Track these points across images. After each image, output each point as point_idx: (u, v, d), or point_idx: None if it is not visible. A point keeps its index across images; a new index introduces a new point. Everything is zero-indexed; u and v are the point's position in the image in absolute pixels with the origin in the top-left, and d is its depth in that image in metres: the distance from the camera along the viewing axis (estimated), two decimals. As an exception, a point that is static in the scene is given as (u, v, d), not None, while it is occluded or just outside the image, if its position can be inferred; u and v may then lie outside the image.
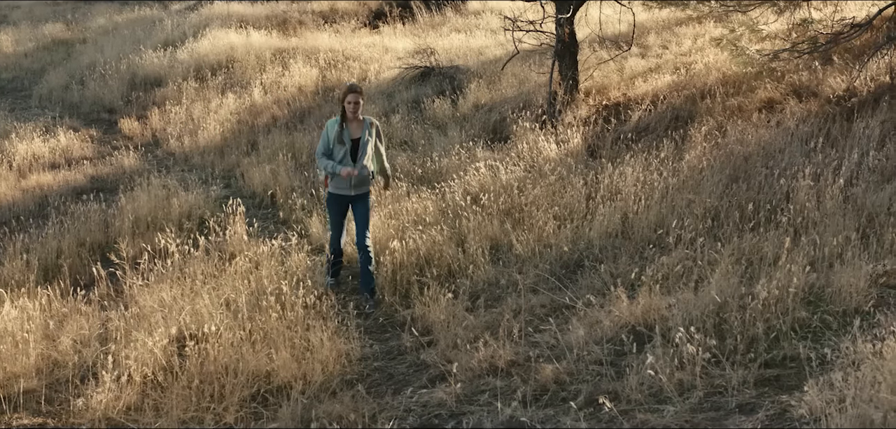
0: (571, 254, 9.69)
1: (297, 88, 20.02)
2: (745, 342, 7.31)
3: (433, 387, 7.53)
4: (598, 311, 8.17)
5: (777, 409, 6.42)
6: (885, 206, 9.64)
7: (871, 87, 13.42)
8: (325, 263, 10.36)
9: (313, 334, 8.10)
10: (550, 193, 11.08)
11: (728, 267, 8.50)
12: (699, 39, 17.89)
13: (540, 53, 17.26)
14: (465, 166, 12.53)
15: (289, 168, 14.45)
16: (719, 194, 10.42)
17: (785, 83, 14.18)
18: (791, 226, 9.46)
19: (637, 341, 7.41)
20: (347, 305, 8.97)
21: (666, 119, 13.87)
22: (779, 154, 11.37)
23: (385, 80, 19.82)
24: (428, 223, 10.36)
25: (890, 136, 11.49)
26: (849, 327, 7.03)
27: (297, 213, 12.32)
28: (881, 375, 6.09)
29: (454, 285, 9.33)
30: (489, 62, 19.04)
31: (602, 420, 6.55)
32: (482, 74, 18.00)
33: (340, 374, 7.87)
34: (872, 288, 8.12)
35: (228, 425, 7.06)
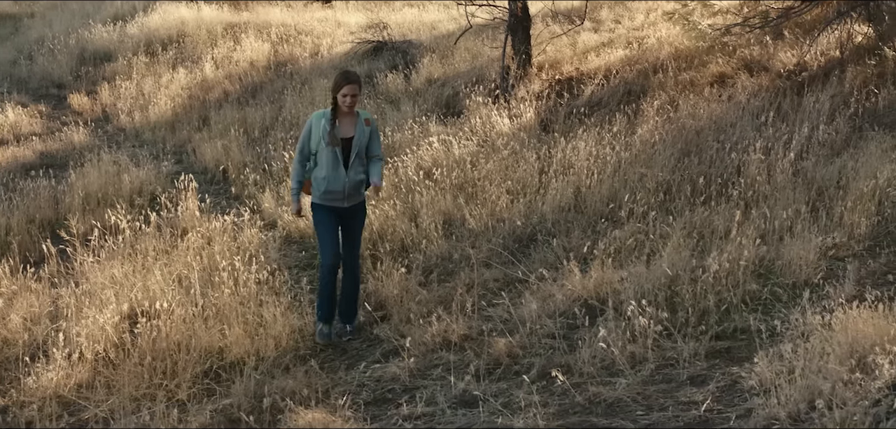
0: (524, 228, 9.70)
1: (248, 63, 19.90)
2: (697, 315, 7.36)
3: (386, 362, 7.52)
4: (550, 285, 8.19)
5: (728, 380, 6.46)
6: (834, 179, 9.72)
7: (822, 62, 13.53)
8: (314, 316, 8.26)
9: (266, 309, 8.06)
10: (503, 168, 11.09)
11: (680, 240, 8.55)
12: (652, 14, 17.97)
13: (493, 28, 17.25)
14: (418, 141, 12.51)
15: (241, 143, 14.37)
16: (671, 168, 10.47)
17: (736, 58, 14.27)
18: (742, 199, 9.53)
19: (589, 315, 7.43)
20: (300, 281, 8.94)
21: (618, 93, 13.92)
22: (730, 128, 11.44)
23: (337, 54, 19.74)
24: (381, 198, 10.33)
25: (840, 110, 11.59)
26: (798, 299, 7.08)
27: (250, 188, 12.25)
28: (830, 346, 6.14)
29: (407, 260, 9.32)
30: (442, 36, 19.01)
31: (555, 393, 6.57)
32: (435, 49, 17.96)
33: (294, 349, 7.85)
34: (822, 260, 8.19)
35: (181, 402, 7.00)
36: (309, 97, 16.25)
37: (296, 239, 10.47)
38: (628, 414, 6.19)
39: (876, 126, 11.14)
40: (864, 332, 6.25)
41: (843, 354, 6.06)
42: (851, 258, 8.27)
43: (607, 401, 6.37)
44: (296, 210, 8.60)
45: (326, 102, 15.54)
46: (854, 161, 10.05)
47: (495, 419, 6.26)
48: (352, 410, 6.64)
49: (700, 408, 6.08)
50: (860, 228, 8.78)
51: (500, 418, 6.27)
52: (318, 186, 8.22)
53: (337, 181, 8.14)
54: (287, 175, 12.14)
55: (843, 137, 10.99)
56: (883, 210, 9.04)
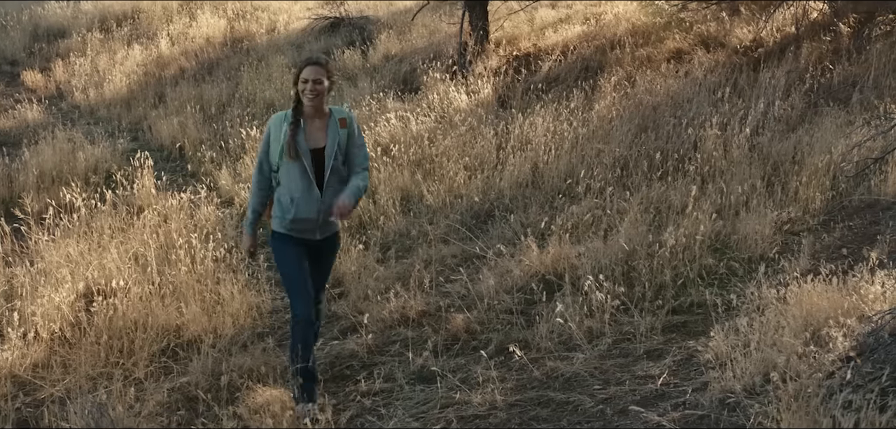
0: (482, 204, 9.70)
1: (204, 39, 19.77)
2: (653, 289, 7.39)
3: (344, 338, 7.50)
4: (508, 260, 8.19)
5: (684, 354, 6.50)
6: (789, 154, 9.79)
7: (777, 38, 13.61)
8: (293, 380, 6.34)
9: (223, 287, 8.02)
10: (461, 144, 11.08)
11: (637, 216, 8.58)
12: (609, -10, 17.99)
13: (450, 4, 17.23)
14: (375, 118, 12.47)
15: (197, 120, 14.27)
16: (628, 144, 10.50)
17: (693, 34, 14.33)
18: (698, 175, 9.58)
19: (547, 290, 7.44)
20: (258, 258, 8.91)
21: (576, 69, 13.94)
22: (687, 104, 11.49)
23: (294, 31, 19.65)
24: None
25: (795, 86, 11.67)
26: (754, 274, 7.13)
27: (207, 165, 12.17)
28: (784, 319, 6.20)
29: (365, 237, 9.30)
30: (399, 13, 18.96)
31: (512, 369, 6.58)
32: (392, 25, 17.92)
33: (251, 327, 7.80)
34: (777, 235, 8.26)
35: (138, 380, 6.95)
36: (265, 74, 16.16)
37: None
38: (585, 388, 6.21)
39: (830, 102, 11.23)
40: (818, 305, 6.30)
41: (798, 327, 6.12)
42: (806, 233, 8.34)
43: (565, 376, 6.39)
44: (248, 247, 6.90)
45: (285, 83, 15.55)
46: (809, 136, 10.12)
47: (453, 395, 6.26)
48: (310, 387, 6.61)
49: (657, 382, 6.12)
50: (815, 202, 8.85)
51: (458, 393, 6.27)
52: (283, 213, 6.54)
53: (308, 206, 6.50)
54: (244, 152, 12.08)
55: (799, 112, 11.07)
56: (837, 185, 9.12)
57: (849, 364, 5.45)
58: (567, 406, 6.03)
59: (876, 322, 5.86)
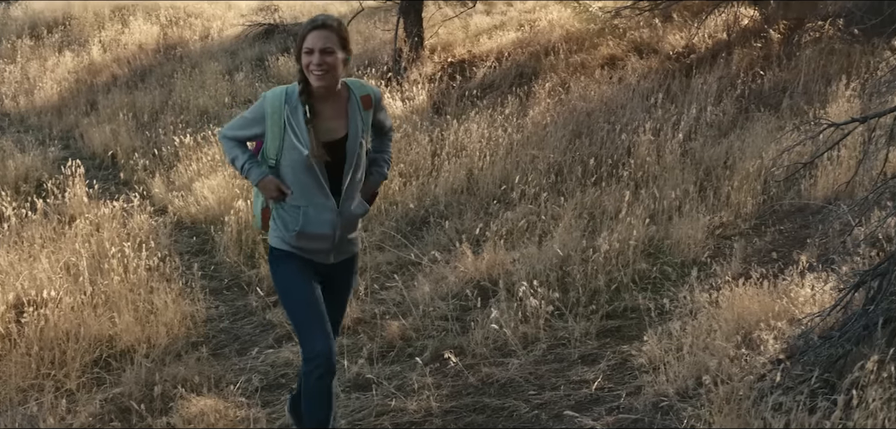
0: (417, 211, 9.70)
1: (137, 46, 19.58)
2: (588, 295, 7.43)
3: (280, 347, 7.45)
4: (443, 267, 8.20)
5: (618, 359, 6.54)
6: (721, 159, 9.90)
7: (709, 44, 13.76)
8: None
9: (157, 296, 7.93)
10: (396, 151, 11.06)
11: (571, 221, 8.62)
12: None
13: (385, 10, 17.24)
14: (310, 124, 12.40)
15: (130, 128, 14.13)
16: (562, 150, 10.55)
17: (626, 40, 14.44)
18: (632, 180, 9.65)
19: (482, 296, 7.46)
20: (192, 267, 8.82)
21: (511, 76, 13.99)
22: (620, 110, 11.57)
23: (228, 37, 19.54)
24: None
25: (727, 91, 11.81)
26: (686, 278, 7.20)
27: (139, 173, 12.05)
28: (716, 323, 6.26)
29: (300, 244, 9.25)
30: (335, 19, 18.92)
31: (448, 375, 6.58)
32: (328, 32, 17.86)
33: (185, 336, 7.72)
34: (709, 239, 8.35)
35: (70, 392, 6.86)
36: (199, 81, 16.05)
37: (187, 224, 10.32)
38: (520, 394, 6.23)
39: (761, 107, 11.37)
40: (749, 308, 6.38)
41: (730, 330, 6.18)
42: (738, 237, 8.43)
43: (500, 381, 6.40)
44: (275, 188, 5.16)
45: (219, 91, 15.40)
46: (740, 141, 10.24)
47: (389, 402, 6.25)
48: (244, 396, 6.57)
49: (591, 386, 6.16)
50: (746, 207, 8.95)
51: (393, 400, 6.26)
52: (286, 226, 5.22)
53: (320, 219, 5.19)
54: (177, 160, 11.98)
55: (730, 117, 11.20)
56: (768, 189, 9.24)
57: (779, 367, 5.51)
58: (502, 412, 6.05)
59: (806, 325, 5.94)
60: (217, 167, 11.13)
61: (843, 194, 8.15)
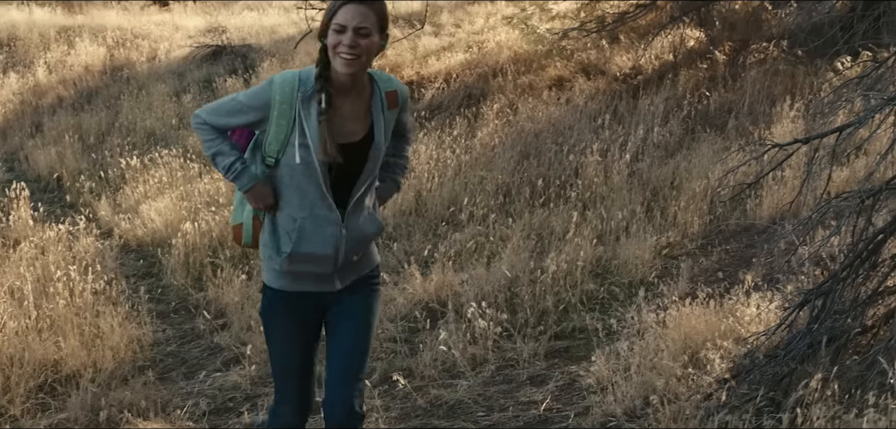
0: (366, 232, 9.68)
1: (83, 68, 19.44)
2: (536, 315, 7.45)
3: (227, 370, 7.40)
4: (391, 289, 8.18)
5: (567, 379, 6.56)
6: (668, 180, 9.97)
7: (656, 65, 13.86)
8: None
9: (103, 320, 7.85)
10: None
11: (519, 242, 8.64)
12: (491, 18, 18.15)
13: (333, 32, 17.20)
14: (258, 146, 12.36)
15: (76, 150, 14.00)
16: (511, 171, 10.58)
17: (574, 61, 14.50)
18: (580, 201, 9.69)
19: (430, 318, 7.44)
20: (139, 290, 8.75)
21: (459, 97, 14.01)
22: (568, 131, 11.62)
23: (176, 59, 19.45)
24: (221, 205, 10.18)
25: (673, 112, 11.90)
26: (634, 298, 7.24)
27: (85, 196, 11.94)
28: (663, 342, 6.29)
29: (248, 267, 9.20)
30: (282, 41, 18.90)
31: (397, 397, 6.56)
32: (275, 53, 17.85)
33: (132, 360, 7.64)
34: (656, 259, 8.40)
35: (14, 417, 6.77)
36: (146, 102, 15.95)
37: (133, 247, 10.23)
38: (469, 415, 6.23)
39: (707, 127, 11.48)
40: (696, 328, 6.42)
41: (677, 350, 6.22)
42: (685, 257, 8.49)
43: (449, 403, 6.39)
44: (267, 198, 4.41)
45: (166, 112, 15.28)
46: (687, 162, 10.32)
47: (337, 425, 6.22)
48: (192, 420, 6.52)
49: (540, 407, 6.16)
50: (693, 227, 9.02)
51: (341, 423, 6.23)
52: (277, 242, 4.44)
53: (321, 237, 4.38)
54: (124, 182, 11.87)
55: (677, 138, 11.29)
56: (714, 209, 9.32)
57: (725, 386, 5.56)
58: (451, 434, 6.05)
59: (751, 344, 5.99)
60: (164, 189, 11.05)
61: (788, 214, 8.24)
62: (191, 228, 9.60)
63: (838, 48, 9.85)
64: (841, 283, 5.73)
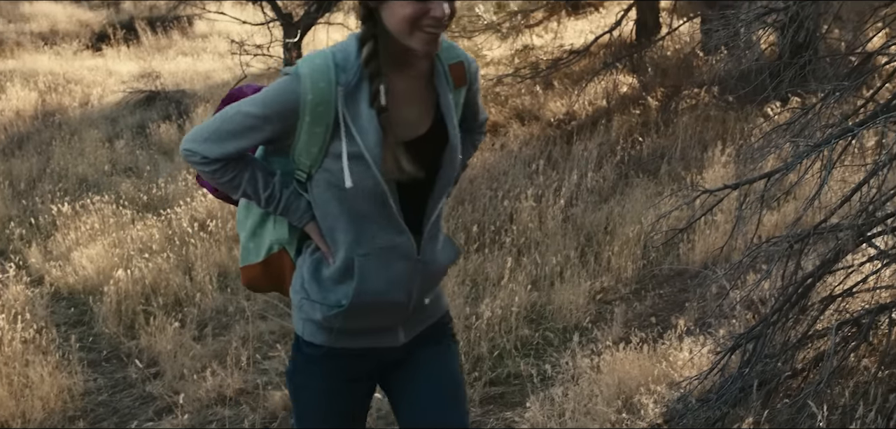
0: (301, 279, 9.64)
1: (14, 113, 19.19)
2: (471, 362, 7.44)
3: (159, 419, 7.32)
4: (327, 336, 8.15)
5: (502, 425, 6.56)
6: (602, 225, 10.04)
7: (589, 111, 13.99)
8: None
9: (32, 369, 7.74)
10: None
11: (454, 288, 8.65)
12: (426, 64, 18.21)
13: (268, 77, 17.17)
14: (192, 192, 12.30)
15: (6, 196, 13.80)
16: (446, 217, 10.59)
17: (508, 107, 14.59)
18: (514, 246, 9.72)
19: (365, 365, 7.43)
20: (70, 338, 8.64)
21: (394, 143, 14.04)
22: (502, 176, 11.67)
23: (108, 104, 19.29)
24: (154, 251, 10.09)
25: (606, 157, 12.00)
26: (569, 343, 7.27)
27: (15, 243, 11.77)
28: (598, 388, 6.32)
29: (181, 314, 9.11)
30: (217, 86, 18.83)
31: (331, 445, 6.54)
32: (210, 98, 17.76)
33: (62, 410, 7.54)
34: (591, 304, 8.44)
35: (-62, 471, 6.68)
36: (78, 148, 15.77)
37: (64, 295, 10.10)
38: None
39: (640, 173, 11.59)
40: (630, 373, 6.46)
41: (611, 395, 6.25)
42: (618, 301, 8.54)
43: (384, 451, 6.38)
44: (325, 250, 3.34)
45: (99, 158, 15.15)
46: (621, 207, 10.41)
47: (271, 474, 6.18)
48: (122, 471, 6.45)
49: (474, 454, 6.16)
50: (627, 271, 9.08)
51: (275, 472, 6.20)
52: (323, 293, 3.35)
53: (389, 277, 3.33)
54: (55, 228, 11.72)
55: (611, 183, 11.38)
56: (647, 254, 9.40)
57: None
58: (386, 482, 6.03)
59: (684, 388, 6.04)
60: (96, 236, 10.93)
61: (720, 258, 8.32)
62: (123, 275, 9.50)
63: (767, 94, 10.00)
64: (771, 327, 5.80)
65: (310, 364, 3.49)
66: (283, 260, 3.51)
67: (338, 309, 3.32)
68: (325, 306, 3.34)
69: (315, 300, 3.35)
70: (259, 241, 3.54)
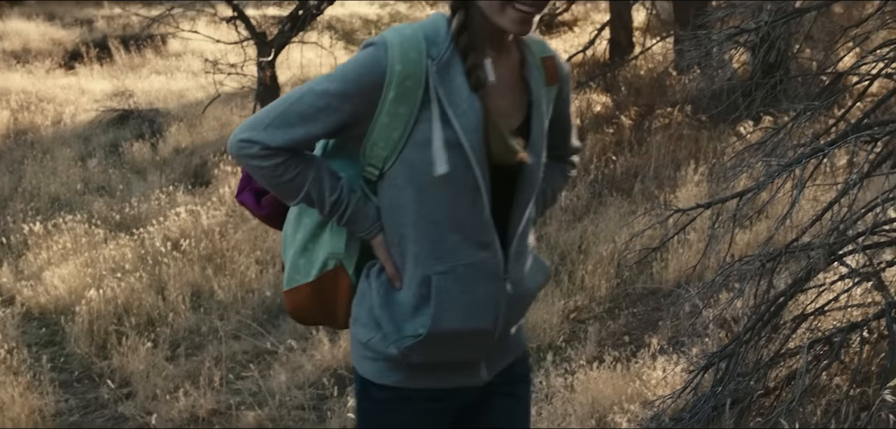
0: (274, 299, 9.60)
1: (-14, 132, 19.15)
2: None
3: (131, 440, 7.31)
4: (300, 355, 8.13)
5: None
6: (575, 244, 10.05)
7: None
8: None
9: (3, 390, 7.69)
10: (253, 238, 10.98)
11: (428, 307, 8.64)
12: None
13: (242, 96, 17.17)
14: (165, 211, 12.25)
15: (-24, 217, 13.77)
16: (420, 235, 10.60)
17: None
18: (489, 265, 9.72)
19: (339, 385, 7.41)
20: (41, 359, 8.59)
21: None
22: (477, 195, 11.69)
23: (81, 123, 19.20)
24: (126, 271, 10.04)
25: (580, 176, 12.04)
26: (542, 362, 7.27)
27: (-15, 264, 11.73)
28: (571, 407, 6.33)
29: (154, 334, 9.07)
30: (190, 105, 18.78)
31: (304, 466, 6.53)
32: (183, 117, 17.72)
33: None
34: (564, 323, 8.45)
35: None
36: (50, 167, 15.69)
37: (36, 315, 10.04)
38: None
39: (614, 192, 11.62)
40: (603, 392, 6.47)
41: (584, 414, 6.26)
42: (592, 320, 8.55)
43: (357, 471, 6.36)
44: (391, 271, 2.86)
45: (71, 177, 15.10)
46: (594, 226, 10.43)
47: (244, 495, 6.16)
48: (94, 492, 6.41)
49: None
50: (600, 290, 9.10)
51: (248, 493, 6.17)
52: (400, 321, 2.85)
53: (475, 301, 2.86)
54: (27, 247, 11.65)
55: (584, 202, 11.40)
56: (621, 273, 9.42)
57: (632, 450, 5.60)
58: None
59: (657, 407, 6.05)
60: (68, 255, 10.87)
61: (693, 277, 8.35)
62: (95, 295, 9.46)
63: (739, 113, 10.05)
64: (744, 345, 5.82)
65: (381, 412, 2.98)
66: (339, 280, 2.98)
67: (414, 339, 2.82)
68: (400, 337, 2.85)
69: (388, 332, 2.86)
70: (311, 256, 3.01)
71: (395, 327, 2.83)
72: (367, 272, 2.94)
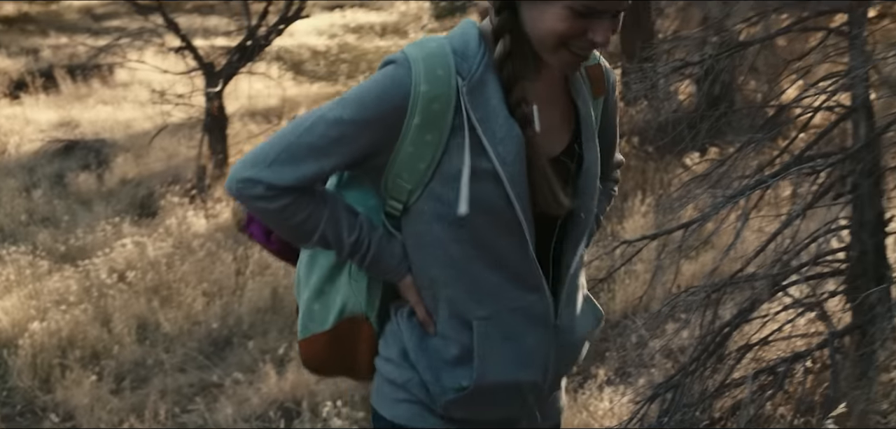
0: (220, 330, 9.55)
1: (-72, 162, 18.92)
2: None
3: (74, 476, 7.22)
4: (246, 388, 8.08)
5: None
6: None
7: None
8: None
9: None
10: (199, 269, 10.90)
11: (376, 339, 8.62)
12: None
13: (190, 127, 17.08)
14: (110, 243, 12.14)
15: (-82, 248, 13.57)
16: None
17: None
18: (436, 296, 9.73)
19: (285, 417, 7.38)
20: None
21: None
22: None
23: (26, 153, 19.00)
24: (71, 303, 9.93)
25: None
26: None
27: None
28: None
29: (98, 367, 8.97)
30: (137, 135, 18.64)
31: (250, 500, 6.48)
32: (130, 148, 17.60)
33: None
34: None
35: None
36: (-5, 199, 15.56)
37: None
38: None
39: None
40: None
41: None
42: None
43: (303, 505, 6.33)
44: (423, 316, 2.54)
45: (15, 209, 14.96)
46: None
47: None
48: None
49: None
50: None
51: None
52: (439, 372, 2.54)
53: (522, 350, 2.55)
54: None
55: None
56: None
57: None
58: None
59: (604, 438, 6.07)
60: (12, 287, 10.73)
61: (639, 308, 8.39)
62: (39, 327, 9.35)
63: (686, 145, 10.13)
64: (689, 376, 5.85)
65: None
66: (358, 328, 2.67)
67: (457, 393, 2.53)
68: (441, 390, 2.54)
69: (427, 380, 2.55)
70: (327, 301, 2.69)
71: (433, 376, 2.54)
72: (394, 311, 2.65)
